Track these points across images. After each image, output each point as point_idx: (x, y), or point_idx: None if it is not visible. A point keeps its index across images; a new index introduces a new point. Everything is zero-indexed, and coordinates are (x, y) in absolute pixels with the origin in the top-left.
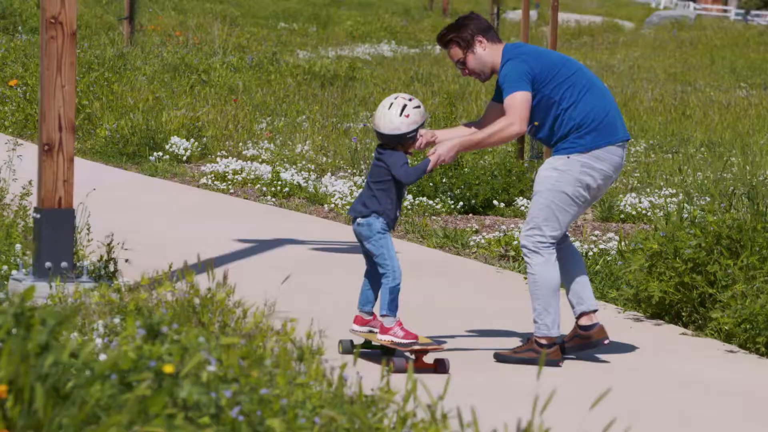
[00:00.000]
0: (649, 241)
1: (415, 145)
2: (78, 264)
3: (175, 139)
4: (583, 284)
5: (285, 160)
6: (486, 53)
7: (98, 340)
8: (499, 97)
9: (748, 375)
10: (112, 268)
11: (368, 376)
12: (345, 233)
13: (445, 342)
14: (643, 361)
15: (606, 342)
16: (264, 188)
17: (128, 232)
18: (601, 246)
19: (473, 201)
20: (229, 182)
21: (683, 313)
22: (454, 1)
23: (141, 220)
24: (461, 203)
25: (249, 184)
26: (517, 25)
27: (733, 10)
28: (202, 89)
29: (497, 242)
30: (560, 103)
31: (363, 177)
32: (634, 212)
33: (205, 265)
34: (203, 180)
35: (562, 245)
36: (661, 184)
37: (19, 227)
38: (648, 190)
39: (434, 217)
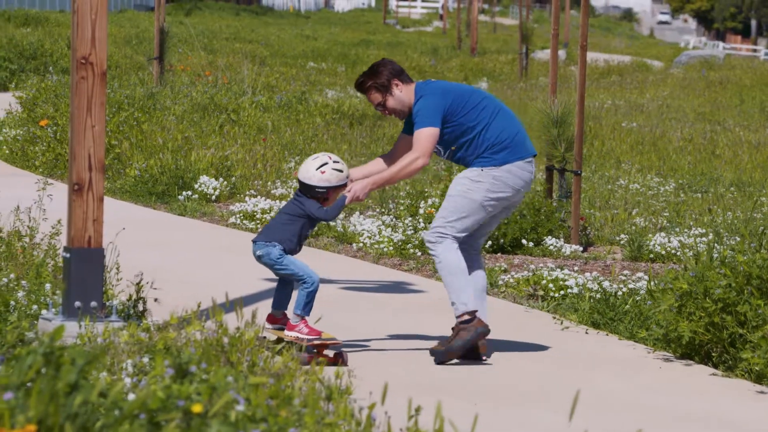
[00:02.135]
0: (678, 280)
1: (322, 202)
2: (107, 303)
3: (204, 178)
4: (479, 300)
5: None
6: (402, 94)
7: (127, 380)
8: (409, 129)
9: None
10: (141, 307)
11: (396, 415)
12: (374, 272)
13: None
14: (673, 402)
15: (484, 359)
16: None
17: (157, 271)
18: (631, 285)
19: (502, 240)
20: (258, 221)
21: (713, 354)
22: (482, 41)
23: (170, 259)
24: (490, 242)
25: None
26: (545, 65)
27: (763, 49)
28: (231, 129)
29: (526, 281)
30: (475, 127)
31: (391, 216)
32: (663, 252)
33: (234, 304)
34: (232, 219)
35: (472, 262)
36: (691, 223)
37: (48, 266)
38: (677, 229)
39: None
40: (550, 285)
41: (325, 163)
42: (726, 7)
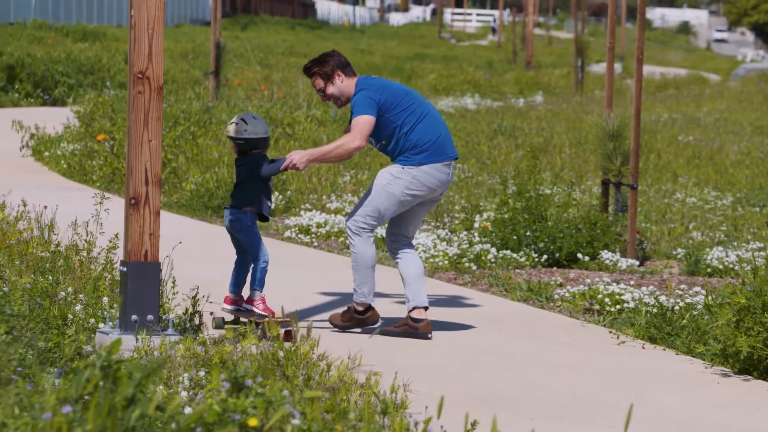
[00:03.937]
0: (736, 295)
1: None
2: (163, 317)
3: None
4: (418, 283)
5: None
6: (343, 85)
7: (183, 393)
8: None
9: None
10: (197, 320)
11: (452, 429)
12: (429, 286)
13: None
14: (733, 419)
15: (429, 336)
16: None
17: (213, 285)
18: (688, 300)
19: (557, 254)
20: (313, 235)
21: None
22: (537, 54)
23: (225, 273)
24: (545, 256)
25: (333, 237)
26: (600, 78)
27: None
28: (286, 143)
29: (582, 296)
30: (402, 127)
31: (446, 230)
32: (721, 266)
33: (290, 318)
34: (287, 233)
35: (406, 250)
36: (749, 237)
37: (106, 280)
38: (735, 243)
39: (518, 271)
40: (606, 299)
41: (253, 114)
42: None
